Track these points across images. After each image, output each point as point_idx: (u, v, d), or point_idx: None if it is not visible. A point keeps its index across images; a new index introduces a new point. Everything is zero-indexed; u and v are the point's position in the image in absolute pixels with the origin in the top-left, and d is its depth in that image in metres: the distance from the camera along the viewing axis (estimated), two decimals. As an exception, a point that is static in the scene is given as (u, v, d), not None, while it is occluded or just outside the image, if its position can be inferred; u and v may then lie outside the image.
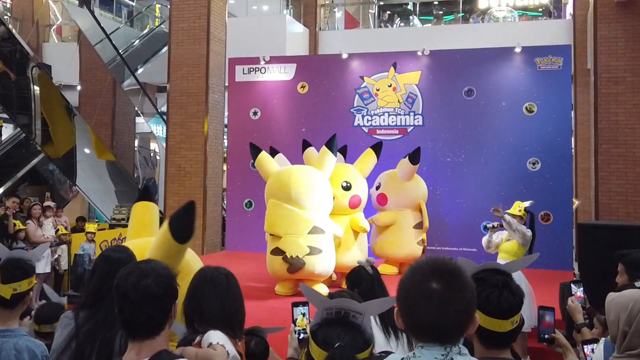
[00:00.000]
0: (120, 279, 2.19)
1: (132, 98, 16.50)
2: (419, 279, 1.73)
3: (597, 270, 4.82)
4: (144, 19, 20.78)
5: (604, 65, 9.84)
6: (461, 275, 1.76)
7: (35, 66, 14.38)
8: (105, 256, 2.95)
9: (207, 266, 2.92)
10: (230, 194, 11.63)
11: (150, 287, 2.13)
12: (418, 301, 1.71)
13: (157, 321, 2.15)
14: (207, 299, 2.73)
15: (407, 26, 19.59)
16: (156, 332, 2.15)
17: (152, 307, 2.12)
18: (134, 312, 2.12)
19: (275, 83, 11.40)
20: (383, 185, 9.19)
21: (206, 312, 2.71)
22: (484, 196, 9.93)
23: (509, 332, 2.14)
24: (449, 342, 1.72)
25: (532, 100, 9.99)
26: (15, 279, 2.77)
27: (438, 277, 1.72)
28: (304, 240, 7.07)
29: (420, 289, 1.72)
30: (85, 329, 2.73)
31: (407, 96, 10.60)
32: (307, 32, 16.49)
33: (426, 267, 1.76)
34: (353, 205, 8.16)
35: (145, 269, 2.19)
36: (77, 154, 14.69)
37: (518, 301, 2.16)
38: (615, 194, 9.61)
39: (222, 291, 2.76)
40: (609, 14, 9.87)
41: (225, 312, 2.72)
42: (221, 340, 2.58)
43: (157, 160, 18.64)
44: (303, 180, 7.26)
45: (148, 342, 2.13)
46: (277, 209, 7.29)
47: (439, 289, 1.70)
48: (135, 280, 2.14)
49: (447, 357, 1.70)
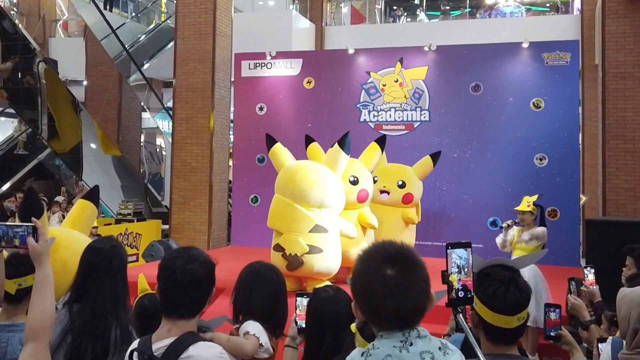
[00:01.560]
0: (167, 261, 2.32)
1: (138, 93, 16.50)
2: (373, 268, 1.70)
3: (604, 267, 4.79)
4: (150, 14, 20.79)
5: (612, 60, 9.79)
6: (412, 256, 1.73)
7: (41, 61, 14.40)
8: (90, 247, 2.97)
9: (260, 262, 3.02)
10: (236, 189, 11.63)
11: (197, 271, 2.27)
12: (377, 291, 1.67)
13: (199, 304, 2.30)
14: (257, 294, 2.83)
15: (413, 21, 19.54)
16: (191, 315, 2.29)
17: (195, 290, 2.27)
18: (177, 293, 2.25)
19: (282, 78, 11.39)
20: (408, 184, 9.02)
21: (254, 306, 2.81)
22: (490, 192, 9.92)
23: (516, 328, 2.12)
24: (409, 326, 1.69)
25: (539, 96, 9.94)
26: (20, 274, 2.77)
27: (391, 263, 1.68)
28: (305, 238, 7.02)
29: (376, 278, 1.68)
30: (78, 323, 2.75)
31: (413, 92, 10.57)
32: (313, 28, 16.46)
33: (377, 255, 1.72)
34: (361, 199, 8.16)
35: (191, 254, 2.33)
36: (84, 149, 14.71)
37: (525, 297, 2.14)
38: (623, 190, 9.57)
39: (273, 289, 2.88)
40: (617, 9, 9.81)
41: (272, 308, 2.83)
42: (257, 331, 2.66)
43: (163, 156, 18.66)
44: (309, 178, 7.19)
45: (181, 323, 2.26)
46: (280, 205, 7.28)
47: (394, 275, 1.67)
48: (182, 263, 2.27)
49: (406, 342, 1.67)
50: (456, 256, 2.04)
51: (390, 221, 8.92)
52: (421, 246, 10.17)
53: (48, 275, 2.19)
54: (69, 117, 14.73)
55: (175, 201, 11.57)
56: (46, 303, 2.17)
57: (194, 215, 11.40)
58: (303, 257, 6.96)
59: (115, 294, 2.82)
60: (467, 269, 2.04)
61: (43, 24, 17.91)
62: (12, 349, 2.74)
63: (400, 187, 8.92)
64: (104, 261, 2.85)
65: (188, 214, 11.44)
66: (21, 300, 2.81)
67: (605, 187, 9.70)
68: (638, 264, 4.12)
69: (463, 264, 2.05)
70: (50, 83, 14.39)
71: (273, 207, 7.42)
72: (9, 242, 2.22)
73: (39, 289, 2.18)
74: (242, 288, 2.88)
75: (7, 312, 2.84)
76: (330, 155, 7.48)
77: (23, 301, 2.80)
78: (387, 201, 8.94)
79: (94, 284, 2.80)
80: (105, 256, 2.86)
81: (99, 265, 2.84)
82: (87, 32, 16.61)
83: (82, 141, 14.73)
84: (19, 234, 2.21)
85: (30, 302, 2.19)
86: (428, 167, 9.14)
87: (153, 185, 16.16)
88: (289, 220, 7.16)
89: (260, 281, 2.87)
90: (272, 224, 7.39)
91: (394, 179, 8.96)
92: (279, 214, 7.27)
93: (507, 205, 9.18)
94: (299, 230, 7.07)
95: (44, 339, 2.15)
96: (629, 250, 4.29)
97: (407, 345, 1.66)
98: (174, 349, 2.19)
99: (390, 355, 1.65)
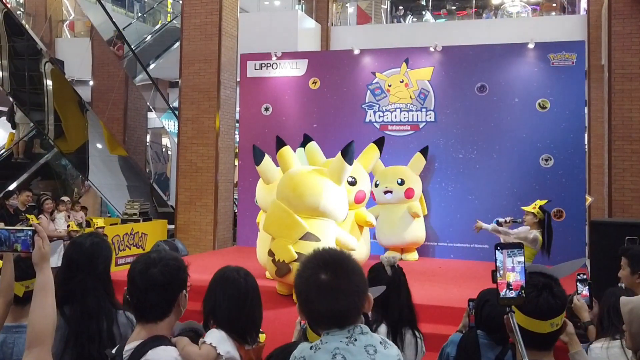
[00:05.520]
0: (131, 266, 2.34)
1: (144, 93, 16.54)
2: (309, 273, 1.89)
3: (609, 268, 4.79)
4: (156, 14, 20.83)
5: (618, 61, 9.77)
6: (346, 262, 1.91)
7: (48, 61, 14.44)
8: (72, 242, 3.01)
9: (228, 266, 2.87)
10: (241, 190, 11.64)
11: (155, 275, 2.25)
12: (311, 293, 1.87)
13: (161, 308, 2.28)
14: (221, 300, 2.69)
15: (419, 22, 19.53)
16: (159, 318, 2.29)
17: (156, 294, 2.26)
18: (139, 297, 2.27)
19: (287, 79, 11.39)
20: (407, 181, 9.79)
21: (218, 312, 2.68)
22: (496, 193, 9.91)
23: (549, 334, 2.15)
24: (348, 324, 1.86)
25: (545, 97, 9.92)
26: (28, 277, 2.79)
27: (325, 269, 1.87)
28: (295, 246, 6.80)
29: (311, 282, 1.87)
30: (74, 326, 2.74)
31: (419, 92, 10.56)
32: (319, 28, 16.47)
33: (314, 260, 1.91)
34: (358, 200, 8.20)
35: (153, 258, 2.32)
36: (90, 149, 14.74)
37: (560, 304, 2.18)
38: (629, 191, 9.55)
39: (238, 293, 2.71)
40: (624, 9, 9.79)
41: (237, 315, 2.67)
42: (215, 340, 2.55)
43: (169, 156, 18.70)
44: (305, 185, 7.03)
45: (150, 326, 2.27)
46: (276, 210, 7.17)
47: (327, 279, 1.85)
48: (142, 268, 2.28)
49: (351, 338, 1.84)
50: (497, 257, 2.13)
51: (398, 217, 9.69)
52: (426, 247, 10.20)
53: (49, 280, 2.19)
54: (75, 117, 14.76)
55: (181, 201, 11.60)
56: (47, 308, 2.17)
57: (199, 215, 11.43)
58: (291, 265, 6.73)
59: (101, 292, 2.83)
60: (502, 270, 2.11)
61: (49, 25, 17.95)
62: (18, 349, 2.78)
63: (400, 184, 9.72)
64: (83, 258, 2.84)
65: (194, 214, 11.47)
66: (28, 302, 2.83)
67: (611, 188, 9.68)
68: (631, 264, 4.16)
69: (499, 266, 2.12)
70: (57, 83, 14.43)
71: (269, 212, 7.36)
72: (10, 247, 2.22)
73: (40, 294, 2.18)
74: (208, 293, 2.76)
75: (13, 313, 2.87)
76: (333, 166, 7.28)
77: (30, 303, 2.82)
78: (391, 200, 9.74)
79: (79, 285, 2.80)
80: (85, 253, 2.85)
81: (78, 262, 2.83)
82: (93, 33, 16.65)
83: (89, 141, 14.75)
84: (20, 238, 2.21)
85: (31, 308, 2.19)
86: (420, 162, 9.90)
87: (159, 185, 16.20)
88: (280, 226, 7.03)
89: (224, 286, 2.72)
90: (266, 228, 7.29)
91: (393, 179, 9.76)
92: (273, 219, 7.17)
93: (513, 205, 9.18)
94: (289, 236, 6.89)
95: (47, 344, 2.15)
96: (624, 251, 4.33)
97: (353, 340, 1.83)
98: (137, 352, 2.22)
99: (339, 349, 1.81)
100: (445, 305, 6.52)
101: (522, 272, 2.08)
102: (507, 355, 3.08)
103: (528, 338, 2.13)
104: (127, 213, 11.87)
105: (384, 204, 9.82)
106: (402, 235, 9.75)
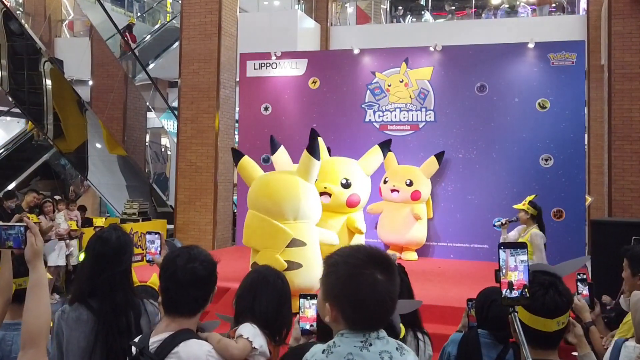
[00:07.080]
0: (168, 260, 2.36)
1: (144, 93, 16.53)
2: (360, 270, 1.74)
3: (609, 267, 4.79)
4: (156, 14, 20.82)
5: (618, 61, 9.77)
6: (392, 261, 1.81)
7: (47, 61, 14.42)
8: (97, 237, 2.94)
9: (267, 266, 3.00)
10: (240, 189, 11.63)
11: (197, 269, 2.31)
12: (365, 293, 1.73)
13: (198, 302, 2.33)
14: (262, 298, 2.78)
15: (419, 22, 19.51)
16: (191, 313, 2.33)
17: (196, 288, 2.30)
18: (179, 291, 2.29)
19: (287, 78, 11.39)
20: (416, 183, 9.85)
21: (257, 310, 2.76)
22: (495, 193, 9.91)
23: (555, 332, 2.13)
24: (376, 329, 1.76)
25: (545, 96, 9.92)
26: (20, 275, 2.78)
27: (379, 268, 1.75)
28: (283, 254, 6.54)
29: (363, 279, 1.73)
30: (103, 320, 2.73)
31: (419, 92, 10.55)
32: (318, 28, 16.46)
33: (365, 258, 1.77)
34: (351, 204, 8.09)
35: (192, 253, 2.36)
36: (89, 149, 14.73)
37: (565, 302, 2.15)
38: (629, 191, 9.55)
39: (277, 295, 2.84)
40: (624, 9, 9.79)
41: (274, 314, 2.78)
42: (251, 334, 2.62)
43: (168, 155, 18.69)
44: (282, 190, 6.71)
45: (180, 320, 2.30)
46: (254, 221, 6.83)
47: (383, 280, 1.74)
48: (183, 262, 2.31)
49: (366, 342, 1.74)
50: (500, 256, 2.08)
51: (402, 216, 9.78)
52: (426, 247, 10.20)
53: (42, 278, 2.13)
54: (75, 117, 14.75)
55: (181, 201, 11.59)
56: (41, 307, 2.10)
57: (199, 215, 11.41)
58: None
59: (128, 286, 2.85)
60: (504, 269, 2.07)
61: (49, 24, 17.95)
62: (17, 347, 2.77)
63: (408, 185, 9.79)
64: (111, 252, 2.84)
65: (193, 214, 11.45)
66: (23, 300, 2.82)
67: (611, 188, 9.67)
68: (632, 265, 4.13)
69: (502, 265, 2.08)
70: (56, 83, 14.41)
71: (247, 224, 6.97)
72: (1, 243, 2.18)
73: (34, 292, 2.10)
74: (246, 291, 2.84)
75: (11, 311, 2.86)
76: (301, 163, 6.85)
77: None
78: (397, 199, 9.85)
79: (108, 279, 2.79)
80: (113, 247, 2.85)
81: (107, 257, 2.83)
82: (92, 32, 16.64)
83: (88, 141, 14.75)
84: (12, 236, 2.15)
85: (25, 307, 2.11)
86: (433, 166, 9.95)
87: (158, 185, 16.19)
88: (264, 236, 6.69)
89: (265, 286, 2.83)
90: (247, 241, 6.97)
91: (402, 179, 9.84)
92: (253, 230, 6.83)
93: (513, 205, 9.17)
94: (275, 246, 6.58)
95: (42, 345, 2.08)
96: (624, 252, 4.31)
97: (367, 345, 1.73)
98: (167, 344, 2.23)
99: (352, 354, 1.72)
100: (445, 305, 6.52)
101: (525, 271, 2.05)
102: (508, 354, 3.07)
103: (533, 337, 2.11)
104: (126, 213, 11.85)
105: (389, 201, 9.93)
106: (403, 234, 9.78)
